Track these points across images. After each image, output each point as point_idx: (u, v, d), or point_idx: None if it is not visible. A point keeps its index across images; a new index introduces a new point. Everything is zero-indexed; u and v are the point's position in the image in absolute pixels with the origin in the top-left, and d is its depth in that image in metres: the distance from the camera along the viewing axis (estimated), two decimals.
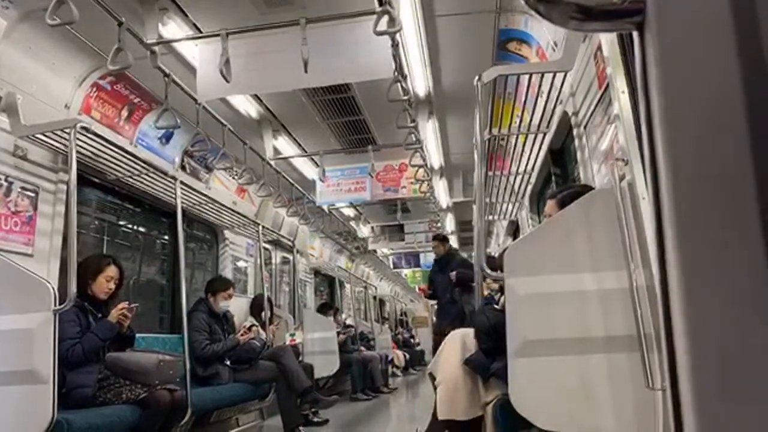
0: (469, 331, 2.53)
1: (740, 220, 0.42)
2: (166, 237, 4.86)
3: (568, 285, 1.98)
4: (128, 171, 3.72)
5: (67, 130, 2.86)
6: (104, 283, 3.09)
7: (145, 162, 3.63)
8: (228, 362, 4.27)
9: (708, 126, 0.45)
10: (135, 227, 4.61)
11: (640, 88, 0.49)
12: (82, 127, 2.93)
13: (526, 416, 1.93)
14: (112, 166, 3.60)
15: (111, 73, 3.25)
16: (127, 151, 3.45)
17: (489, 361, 2.26)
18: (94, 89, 3.44)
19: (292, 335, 5.33)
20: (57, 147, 3.15)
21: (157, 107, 3.73)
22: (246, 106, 4.94)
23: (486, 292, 3.48)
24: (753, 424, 0.43)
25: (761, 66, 0.45)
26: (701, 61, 0.45)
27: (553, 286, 1.99)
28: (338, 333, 6.82)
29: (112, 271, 3.14)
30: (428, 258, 13.23)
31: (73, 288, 2.55)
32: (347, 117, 5.48)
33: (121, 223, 4.45)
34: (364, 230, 10.60)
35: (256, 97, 4.86)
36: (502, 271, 2.07)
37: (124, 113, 3.77)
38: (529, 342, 1.96)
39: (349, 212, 9.61)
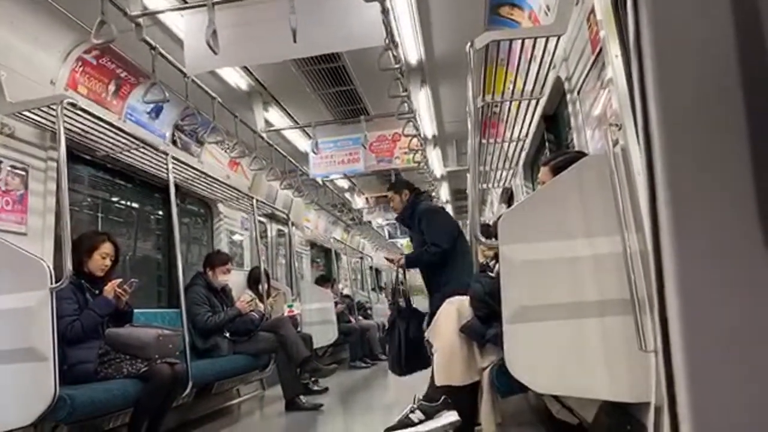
0: (464, 299, 2.55)
1: (733, 183, 0.42)
2: (161, 212, 4.85)
3: (562, 251, 1.99)
4: (118, 147, 3.68)
5: (54, 107, 2.81)
6: (100, 260, 3.09)
7: (134, 137, 3.59)
8: (227, 335, 4.32)
9: (701, 88, 0.44)
10: (129, 203, 4.59)
11: (633, 51, 0.48)
12: (69, 103, 2.88)
13: (521, 380, 1.97)
14: (102, 142, 3.56)
15: (96, 47, 3.18)
16: (116, 127, 3.41)
17: (484, 327, 2.29)
18: (80, 64, 3.37)
19: (290, 306, 5.37)
20: (45, 124, 3.10)
21: (145, 81, 3.67)
22: (235, 78, 4.87)
23: (482, 260, 3.50)
24: (742, 383, 0.43)
25: (754, 27, 0.45)
26: (694, 24, 0.45)
27: (547, 252, 2.01)
28: (336, 303, 6.88)
29: (107, 247, 3.13)
30: None
31: (68, 265, 2.54)
32: (338, 87, 5.41)
33: (114, 199, 4.42)
34: (358, 201, 10.59)
35: (246, 69, 4.79)
36: (496, 238, 2.08)
37: (112, 88, 3.70)
38: (523, 308, 1.99)
39: (344, 184, 9.58)
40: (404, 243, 15.25)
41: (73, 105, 2.93)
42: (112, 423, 3.03)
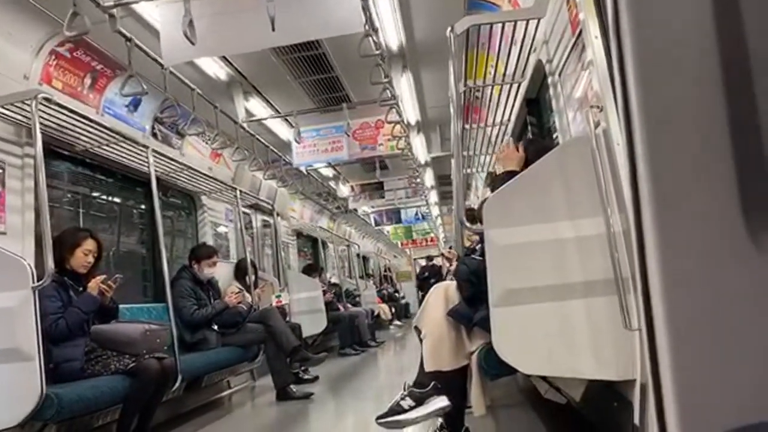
0: (451, 284, 2.56)
1: (713, 162, 0.42)
2: (143, 206, 4.79)
3: (546, 233, 2.00)
4: (97, 141, 3.62)
5: (28, 102, 2.75)
6: (82, 257, 3.05)
7: (113, 131, 3.53)
8: (215, 327, 4.30)
9: (681, 68, 0.44)
10: (110, 198, 4.53)
11: (612, 32, 0.48)
12: (44, 98, 2.82)
13: (509, 363, 1.98)
14: (80, 136, 3.49)
15: (69, 40, 3.11)
16: (93, 121, 3.34)
17: (471, 311, 2.30)
18: (53, 57, 3.30)
19: (278, 297, 5.36)
20: (19, 120, 3.04)
21: (122, 74, 3.60)
22: (214, 68, 4.81)
23: (467, 244, 3.52)
24: (724, 360, 0.44)
25: (733, 8, 0.44)
26: (673, 4, 0.45)
27: (531, 235, 2.02)
28: (324, 292, 6.89)
29: (89, 244, 3.09)
30: (408, 214, 13.31)
31: (50, 264, 2.51)
32: (319, 75, 5.36)
33: (95, 194, 4.36)
34: (343, 190, 10.56)
35: (225, 59, 4.72)
36: (481, 223, 2.08)
37: (87, 81, 3.63)
38: (509, 291, 2.00)
39: (328, 172, 9.54)
40: (389, 230, 15.29)
41: (48, 100, 2.87)
42: (101, 420, 3.01)
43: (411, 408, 2.28)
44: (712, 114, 0.42)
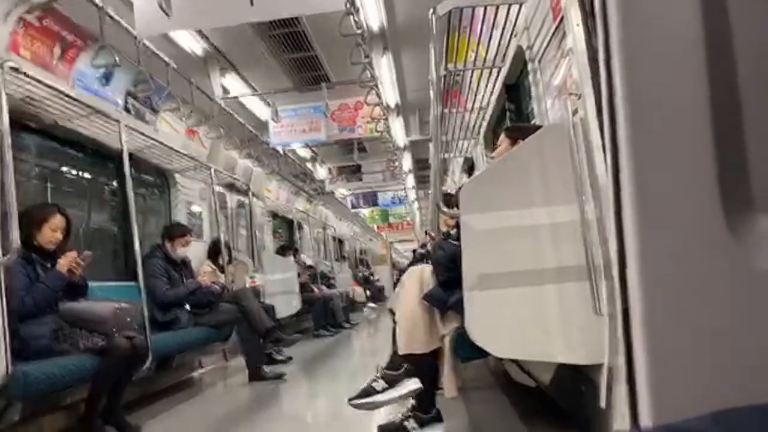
0: (427, 267, 2.58)
1: (695, 153, 0.43)
2: (115, 182, 4.68)
3: (521, 219, 2.02)
4: (67, 114, 3.51)
5: None
6: (50, 233, 2.97)
7: (84, 104, 3.42)
8: (188, 307, 4.25)
9: (664, 58, 0.44)
10: (80, 173, 4.41)
11: (599, 19, 0.48)
12: (11, 68, 2.71)
13: (481, 346, 2.01)
14: (49, 109, 3.38)
15: (38, 7, 2.99)
16: (63, 93, 3.24)
17: (446, 295, 2.32)
18: (21, 25, 3.17)
19: (253, 277, 5.33)
20: None
21: (94, 45, 3.48)
22: (190, 42, 4.70)
23: (444, 229, 3.53)
24: (698, 346, 0.45)
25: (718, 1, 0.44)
26: None
27: (507, 221, 2.03)
28: (299, 274, 6.87)
29: (57, 220, 3.01)
30: (385, 197, 13.32)
31: (15, 239, 2.44)
32: (298, 53, 5.29)
33: (65, 169, 4.24)
34: (321, 171, 10.50)
35: (201, 34, 4.62)
36: (458, 207, 2.09)
37: (57, 51, 3.50)
38: (483, 275, 2.02)
39: (305, 153, 9.47)
40: (366, 213, 15.29)
41: (16, 69, 2.76)
42: (69, 399, 2.97)
43: (383, 390, 2.30)
44: (695, 105, 0.42)
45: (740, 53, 0.41)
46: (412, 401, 2.52)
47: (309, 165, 9.95)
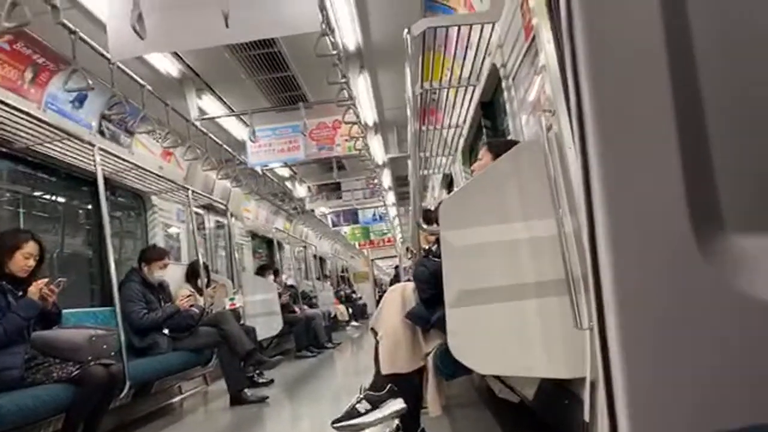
0: (408, 285, 2.57)
1: (663, 168, 0.43)
2: (90, 206, 4.60)
3: (500, 235, 2.03)
4: (39, 138, 3.45)
5: None
6: (22, 261, 2.89)
7: (56, 128, 3.37)
8: (166, 331, 4.17)
9: (633, 74, 0.45)
10: (54, 197, 4.33)
11: (565, 37, 0.48)
12: None
13: (464, 363, 2.00)
14: (20, 133, 3.32)
15: (8, 31, 2.95)
16: (34, 117, 3.18)
17: (428, 313, 2.31)
18: None
19: (232, 300, 5.25)
20: None
21: (66, 68, 3.44)
22: (165, 64, 4.67)
23: (425, 245, 3.53)
24: (674, 359, 0.45)
25: (681, 13, 0.45)
26: (626, 11, 0.45)
27: (486, 236, 2.04)
28: (280, 294, 6.80)
29: (30, 247, 2.94)
30: (366, 215, 13.31)
31: None
32: (275, 73, 5.29)
33: (38, 193, 4.16)
34: (300, 190, 10.46)
35: (176, 55, 4.60)
36: (438, 224, 2.10)
37: (28, 75, 3.46)
38: (465, 292, 2.02)
39: (284, 172, 9.43)
40: (347, 231, 15.25)
41: None
42: (43, 430, 2.87)
43: (367, 411, 2.27)
44: (665, 122, 0.43)
45: (705, 71, 0.42)
46: (397, 422, 2.49)
47: (288, 184, 9.91)
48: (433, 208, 4.57)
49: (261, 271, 7.39)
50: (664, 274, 0.43)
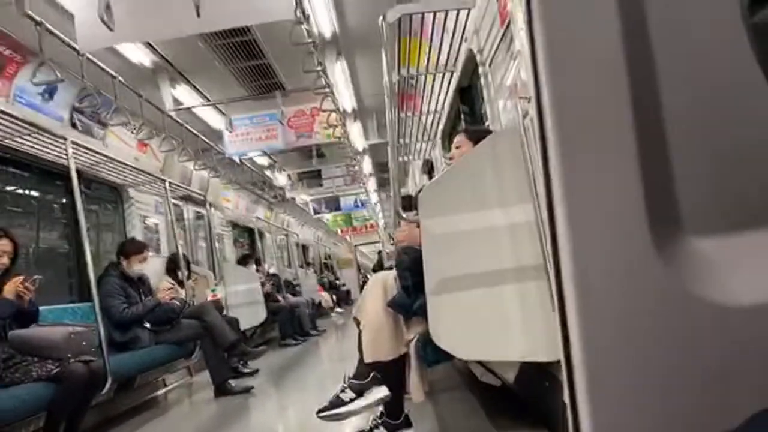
0: (390, 274, 2.58)
1: (623, 166, 0.44)
2: (64, 200, 4.52)
3: (479, 222, 2.04)
4: (8, 132, 3.36)
5: None
6: None
7: (26, 121, 3.28)
8: (147, 325, 4.13)
9: (590, 72, 0.45)
10: (26, 192, 4.24)
11: (526, 31, 0.48)
12: None
13: (446, 349, 2.02)
14: None
15: None
16: (2, 111, 3.10)
17: (410, 301, 2.32)
18: None
19: (213, 291, 5.22)
20: None
21: (34, 60, 3.35)
22: (137, 54, 4.58)
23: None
24: (630, 342, 0.46)
25: (640, 11, 0.46)
26: (582, 4, 0.45)
27: (465, 223, 2.05)
28: (263, 283, 6.77)
29: (3, 244, 2.88)
30: (347, 201, 13.29)
31: None
32: (250, 61, 5.22)
33: (9, 189, 4.07)
34: (280, 178, 10.39)
35: (149, 45, 4.51)
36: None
37: None
38: (445, 279, 2.03)
39: (263, 161, 9.36)
40: (329, 218, 15.22)
41: None
42: (24, 430, 2.84)
43: (351, 400, 2.28)
44: (621, 121, 0.43)
45: (664, 75, 0.43)
46: (381, 409, 2.51)
47: (268, 172, 9.83)
48: (413, 195, 4.58)
49: (243, 260, 7.35)
50: (620, 270, 0.44)
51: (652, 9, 0.45)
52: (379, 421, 2.46)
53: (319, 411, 2.30)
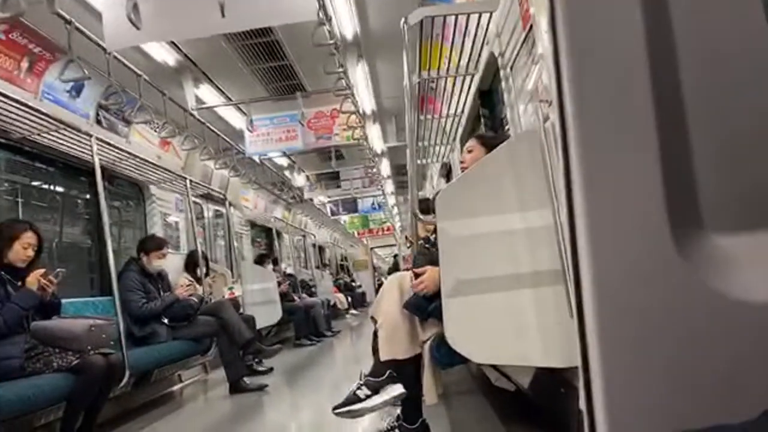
0: (406, 274, 2.58)
1: (644, 163, 0.44)
2: (88, 196, 4.61)
3: (497, 225, 2.04)
4: (35, 128, 3.44)
5: None
6: (21, 251, 2.90)
7: (53, 118, 3.36)
8: (165, 320, 4.19)
9: (613, 69, 0.45)
10: (52, 187, 4.33)
11: (550, 33, 0.49)
12: None
13: (461, 352, 2.02)
14: (16, 123, 3.31)
15: (3, 21, 2.93)
16: (30, 107, 3.17)
17: (426, 303, 2.32)
18: None
19: (231, 289, 5.27)
20: None
21: (62, 57, 3.43)
22: (162, 53, 4.65)
23: (423, 234, 3.54)
24: (649, 349, 0.46)
25: (664, 13, 0.46)
26: (607, 7, 0.45)
27: (483, 226, 2.05)
28: (279, 283, 6.82)
29: (28, 237, 2.94)
30: (365, 203, 13.30)
31: None
32: (272, 62, 5.27)
33: (36, 184, 4.16)
34: (299, 179, 10.45)
35: (174, 45, 4.58)
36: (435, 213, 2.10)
37: (25, 65, 3.44)
38: (461, 281, 2.03)
39: (283, 161, 9.42)
40: (346, 219, 15.26)
41: None
42: (43, 419, 2.90)
43: (367, 397, 2.29)
44: (643, 118, 0.43)
45: (687, 70, 0.43)
46: (398, 412, 2.52)
47: (287, 173, 9.90)
48: (431, 198, 4.57)
49: (260, 260, 7.41)
50: (641, 271, 0.44)
51: (675, 12, 0.45)
52: (396, 424, 2.46)
53: (335, 408, 2.31)
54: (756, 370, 0.43)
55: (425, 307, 2.33)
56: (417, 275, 2.45)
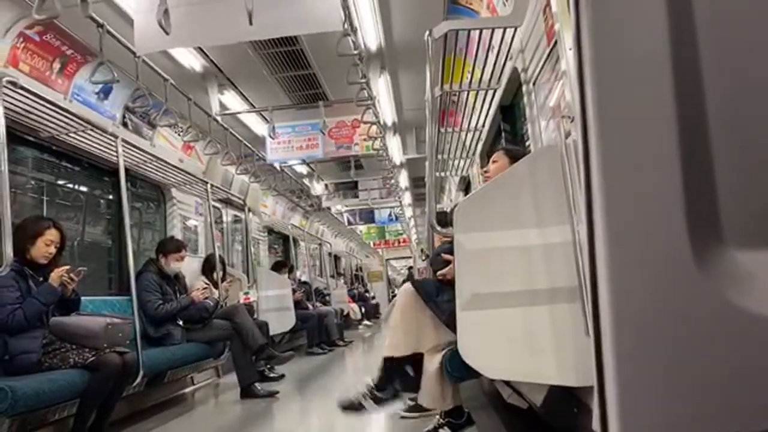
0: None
1: (662, 181, 0.44)
2: (110, 196, 4.69)
3: (514, 240, 2.03)
4: (64, 128, 3.52)
5: None
6: (44, 248, 2.96)
7: (81, 118, 3.44)
8: (180, 322, 4.23)
9: (636, 84, 0.45)
10: (76, 187, 4.42)
11: (575, 47, 0.49)
12: (9, 81, 2.73)
13: (474, 366, 2.00)
14: (46, 122, 3.40)
15: (38, 23, 3.02)
16: (60, 107, 3.25)
17: (436, 290, 2.35)
18: (21, 40, 3.20)
19: (246, 293, 5.30)
20: None
21: (93, 60, 3.51)
22: (189, 59, 4.73)
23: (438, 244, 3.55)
24: (666, 369, 0.46)
25: (689, 28, 0.46)
26: (631, 20, 0.46)
27: (500, 241, 2.04)
28: (294, 290, 6.84)
29: (52, 234, 3.00)
30: (382, 214, 13.31)
31: (8, 252, 2.43)
32: (296, 71, 5.32)
33: (61, 182, 4.25)
34: (317, 188, 10.50)
35: (200, 50, 4.65)
36: (452, 226, 2.10)
37: (57, 66, 3.53)
38: (477, 295, 2.02)
39: (302, 169, 9.48)
40: (362, 230, 15.28)
41: (13, 83, 2.78)
42: (57, 414, 2.93)
43: (371, 408, 2.31)
44: (665, 133, 0.43)
45: (710, 86, 0.43)
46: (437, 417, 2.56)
47: (306, 181, 9.96)
48: (448, 211, 4.56)
49: (276, 267, 7.45)
50: (660, 286, 0.43)
51: (702, 32, 0.45)
52: (443, 422, 2.48)
53: (343, 407, 2.35)
54: None
55: (432, 292, 2.35)
56: (434, 271, 2.48)
